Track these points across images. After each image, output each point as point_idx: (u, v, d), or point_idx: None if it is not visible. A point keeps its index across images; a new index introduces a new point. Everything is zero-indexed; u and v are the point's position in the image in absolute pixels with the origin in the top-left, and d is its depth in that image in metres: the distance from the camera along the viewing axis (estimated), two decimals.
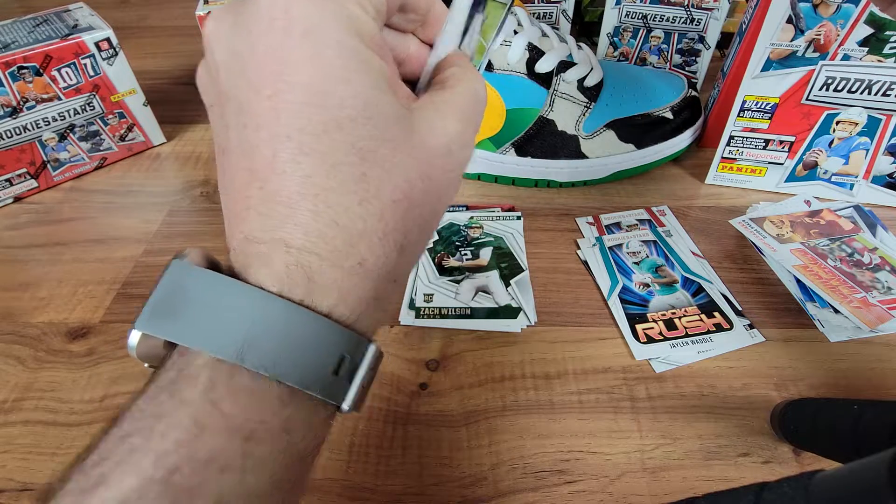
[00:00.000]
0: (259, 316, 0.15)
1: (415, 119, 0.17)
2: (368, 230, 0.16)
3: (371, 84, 0.16)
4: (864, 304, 0.33)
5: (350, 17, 0.16)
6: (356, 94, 0.16)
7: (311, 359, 0.15)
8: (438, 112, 0.18)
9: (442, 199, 0.18)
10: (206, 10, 0.48)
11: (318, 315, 0.15)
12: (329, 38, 0.15)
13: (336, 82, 0.15)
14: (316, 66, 0.15)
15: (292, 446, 0.15)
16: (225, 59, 0.16)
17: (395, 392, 0.32)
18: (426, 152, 0.17)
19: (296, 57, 0.15)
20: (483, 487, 0.28)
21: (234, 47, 0.16)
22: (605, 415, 0.31)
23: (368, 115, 0.16)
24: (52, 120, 0.44)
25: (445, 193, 0.18)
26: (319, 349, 0.16)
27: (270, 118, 0.15)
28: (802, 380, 0.32)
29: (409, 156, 0.17)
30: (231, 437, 0.14)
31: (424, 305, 0.36)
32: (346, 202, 0.15)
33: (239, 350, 0.14)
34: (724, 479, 0.28)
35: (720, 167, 0.45)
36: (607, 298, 0.36)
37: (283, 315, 0.15)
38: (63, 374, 0.33)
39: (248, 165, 0.16)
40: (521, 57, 0.40)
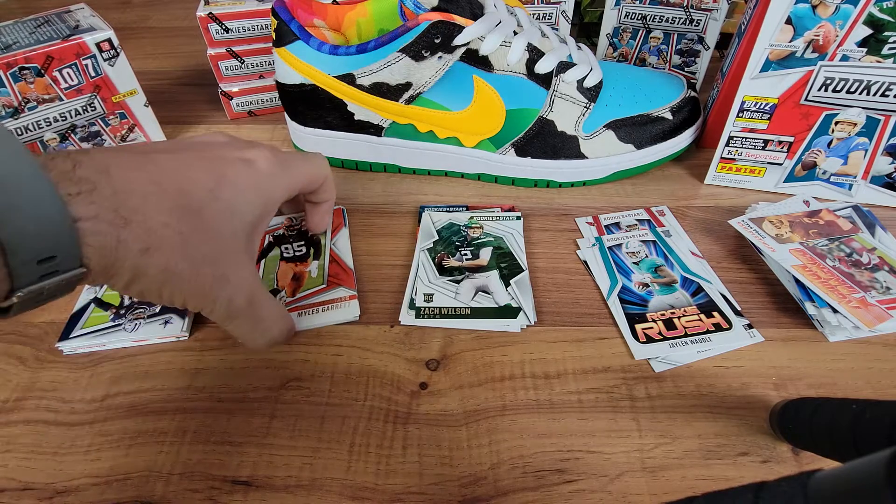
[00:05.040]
0: (24, 178, 0.18)
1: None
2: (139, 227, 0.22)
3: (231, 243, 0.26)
4: (863, 303, 0.33)
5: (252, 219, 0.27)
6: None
7: (33, 232, 0.18)
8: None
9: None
10: (207, 11, 0.48)
11: (66, 209, 0.19)
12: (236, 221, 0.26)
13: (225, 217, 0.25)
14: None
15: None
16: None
17: (395, 392, 0.32)
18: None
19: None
20: (483, 487, 0.28)
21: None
22: (604, 414, 0.31)
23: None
24: (54, 120, 0.44)
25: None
26: (45, 230, 0.18)
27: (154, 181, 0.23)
28: (801, 379, 0.32)
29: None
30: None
31: (424, 305, 0.36)
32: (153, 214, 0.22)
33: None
34: (723, 479, 0.28)
35: (719, 167, 0.45)
36: (607, 298, 0.36)
37: (41, 189, 0.18)
38: (64, 373, 0.33)
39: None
40: (521, 58, 0.41)
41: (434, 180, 0.47)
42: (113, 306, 0.36)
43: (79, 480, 0.28)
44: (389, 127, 0.44)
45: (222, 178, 0.25)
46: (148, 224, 0.21)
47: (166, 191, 0.22)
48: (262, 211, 0.27)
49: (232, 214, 0.25)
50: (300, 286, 0.36)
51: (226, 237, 0.25)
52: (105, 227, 0.20)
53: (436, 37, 0.39)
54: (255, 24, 0.49)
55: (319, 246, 0.38)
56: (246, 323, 0.28)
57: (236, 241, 0.25)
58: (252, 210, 0.26)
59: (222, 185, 0.25)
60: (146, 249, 0.21)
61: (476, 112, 0.42)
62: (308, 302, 0.35)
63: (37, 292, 0.20)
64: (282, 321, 0.31)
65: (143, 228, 0.21)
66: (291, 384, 0.32)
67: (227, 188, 0.25)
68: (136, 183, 0.21)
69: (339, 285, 0.36)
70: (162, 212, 0.22)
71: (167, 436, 0.30)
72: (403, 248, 0.41)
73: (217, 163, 0.25)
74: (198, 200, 0.23)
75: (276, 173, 0.28)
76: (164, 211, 0.22)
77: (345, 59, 0.41)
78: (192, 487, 0.28)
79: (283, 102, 0.46)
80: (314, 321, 0.35)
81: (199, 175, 0.24)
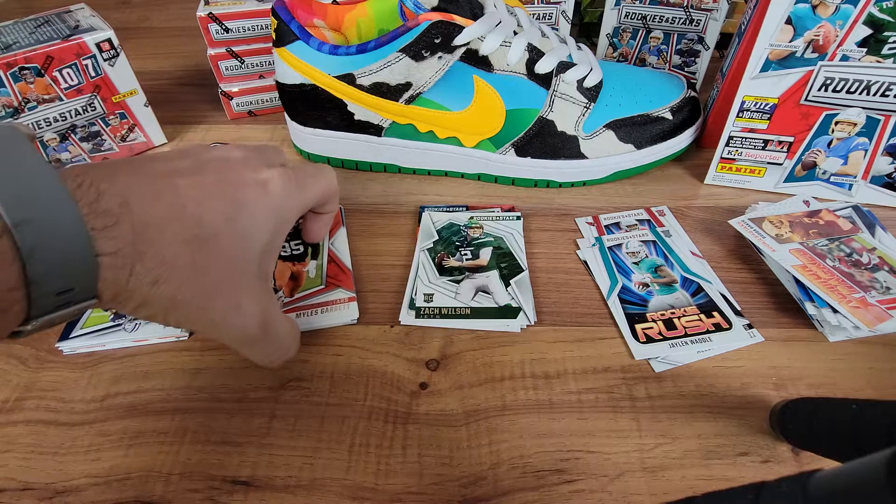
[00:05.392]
0: (55, 208, 0.18)
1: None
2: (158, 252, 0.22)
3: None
4: (863, 303, 0.33)
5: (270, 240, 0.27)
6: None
7: (57, 266, 0.18)
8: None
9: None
10: (207, 11, 0.48)
11: (91, 245, 0.19)
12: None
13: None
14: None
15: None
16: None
17: (395, 392, 0.32)
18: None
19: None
20: (483, 487, 0.28)
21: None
22: (604, 414, 0.31)
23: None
24: (54, 120, 0.44)
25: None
26: (68, 265, 0.19)
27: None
28: (801, 379, 0.32)
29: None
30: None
31: (424, 305, 0.36)
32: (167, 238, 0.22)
33: (21, 220, 0.18)
34: (724, 479, 0.28)
35: (719, 167, 0.45)
36: (607, 298, 0.36)
37: (70, 223, 0.19)
38: (64, 373, 0.33)
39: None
40: (521, 58, 0.41)
41: (434, 180, 0.47)
42: None
43: (79, 480, 0.28)
44: (389, 127, 0.44)
45: (239, 205, 0.25)
46: (161, 256, 0.21)
47: (184, 222, 0.22)
48: (275, 233, 0.27)
49: (246, 240, 0.25)
50: (298, 286, 0.36)
51: (239, 263, 0.25)
52: (121, 262, 0.20)
53: (436, 37, 0.39)
54: (255, 24, 0.49)
55: (317, 245, 0.38)
56: (260, 348, 0.28)
57: (249, 265, 0.25)
58: (266, 233, 0.26)
59: (239, 211, 0.24)
60: (156, 281, 0.21)
61: (476, 112, 0.42)
62: (307, 303, 0.35)
63: (49, 321, 0.20)
64: (294, 338, 0.30)
65: (157, 261, 0.21)
66: (291, 384, 0.32)
67: (243, 215, 0.25)
68: (154, 215, 0.21)
69: (338, 286, 0.36)
70: (177, 243, 0.22)
71: (167, 436, 0.30)
72: (403, 248, 0.41)
73: (235, 188, 0.25)
74: (214, 229, 0.23)
75: (290, 194, 0.28)
76: (179, 242, 0.22)
77: (345, 59, 0.41)
78: (192, 487, 0.28)
79: (283, 102, 0.46)
80: (313, 323, 0.34)
81: (217, 203, 0.24)
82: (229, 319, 0.25)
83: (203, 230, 0.23)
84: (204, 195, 0.24)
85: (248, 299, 0.25)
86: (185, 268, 0.22)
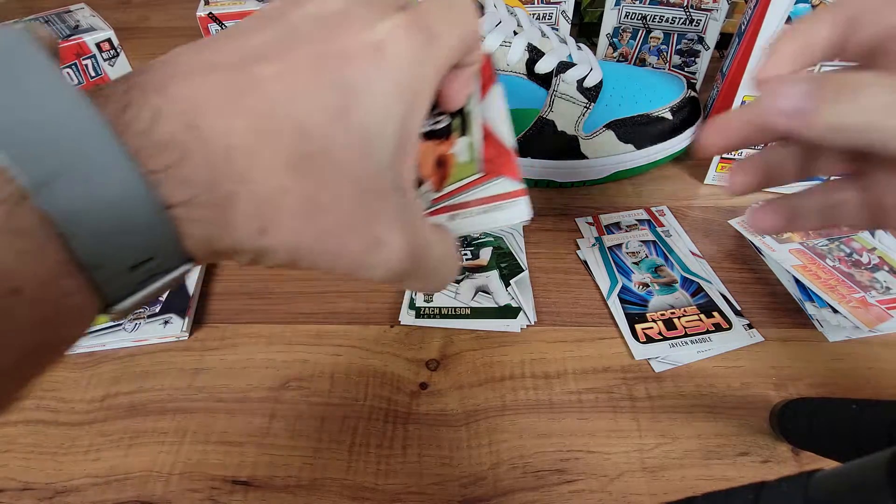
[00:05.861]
0: (93, 152, 0.12)
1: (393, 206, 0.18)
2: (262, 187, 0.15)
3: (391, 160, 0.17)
4: (863, 303, 0.33)
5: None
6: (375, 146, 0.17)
7: (117, 236, 0.13)
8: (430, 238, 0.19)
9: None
10: (207, 11, 0.48)
11: (155, 196, 0.13)
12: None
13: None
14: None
15: (48, 325, 0.13)
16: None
17: (395, 392, 0.32)
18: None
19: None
20: (483, 487, 0.28)
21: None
22: (604, 414, 0.31)
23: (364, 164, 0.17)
24: None
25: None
26: (133, 231, 0.13)
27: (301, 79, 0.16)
28: (801, 379, 0.32)
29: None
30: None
31: (424, 305, 0.36)
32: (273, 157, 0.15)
33: (47, 177, 0.12)
34: (724, 479, 0.28)
35: (719, 167, 0.45)
36: (607, 298, 0.36)
37: (120, 170, 0.13)
38: (64, 373, 0.33)
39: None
40: (521, 57, 0.40)
41: None
42: None
43: (79, 480, 0.28)
44: None
45: (349, 90, 0.17)
46: (261, 194, 0.15)
47: (280, 136, 0.16)
48: (408, 117, 0.19)
49: (369, 142, 0.17)
50: (447, 175, 0.25)
51: (365, 179, 0.18)
52: (205, 213, 0.15)
53: None
54: None
55: (465, 114, 0.26)
56: (413, 282, 0.21)
57: (380, 177, 0.18)
58: (395, 122, 0.18)
59: (351, 100, 0.17)
60: (263, 229, 0.16)
61: None
62: (461, 199, 0.25)
63: (138, 302, 0.15)
64: (452, 260, 0.23)
65: (256, 202, 0.15)
66: (291, 384, 0.32)
67: (358, 104, 0.17)
68: (237, 135, 0.15)
69: (500, 174, 0.25)
70: (277, 171, 0.16)
71: (167, 436, 0.30)
72: None
73: (339, 65, 0.17)
74: (322, 139, 0.16)
75: (419, 56, 0.18)
76: (279, 169, 0.16)
77: None
78: (192, 487, 0.28)
79: None
80: (474, 225, 0.25)
81: (318, 95, 0.16)
82: (368, 260, 0.18)
83: (307, 143, 0.16)
84: (298, 85, 0.16)
85: (387, 228, 0.18)
86: (294, 205, 0.16)
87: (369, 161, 0.17)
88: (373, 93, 0.17)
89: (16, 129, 0.12)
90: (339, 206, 0.17)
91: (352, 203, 0.17)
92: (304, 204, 0.16)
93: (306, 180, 0.16)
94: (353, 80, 0.17)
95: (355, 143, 0.17)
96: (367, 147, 0.17)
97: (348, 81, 0.17)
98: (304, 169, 0.16)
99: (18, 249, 0.12)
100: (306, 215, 0.16)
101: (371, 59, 0.17)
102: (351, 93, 0.17)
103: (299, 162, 0.16)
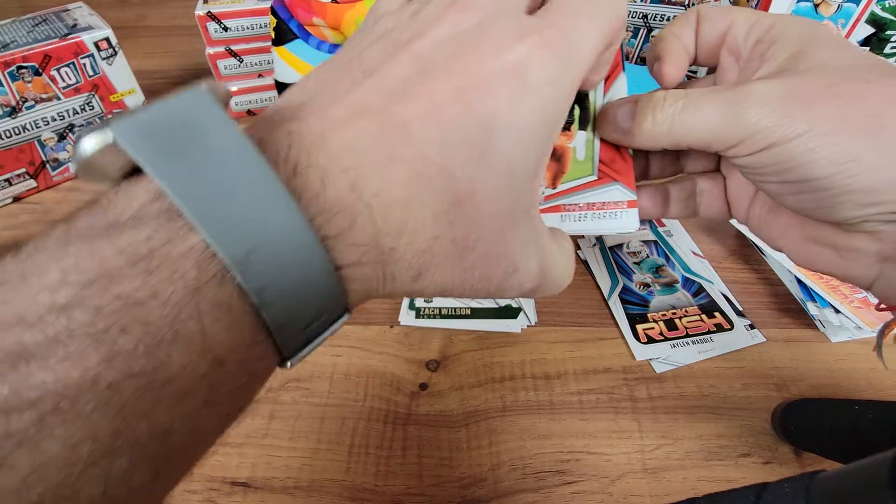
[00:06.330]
0: (280, 225, 0.13)
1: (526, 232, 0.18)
2: (422, 234, 0.16)
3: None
4: (865, 304, 0.33)
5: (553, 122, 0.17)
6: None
7: (299, 302, 0.14)
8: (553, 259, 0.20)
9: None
10: (206, 10, 0.48)
11: (331, 263, 0.14)
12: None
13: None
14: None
15: (243, 389, 0.14)
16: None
17: (395, 392, 0.32)
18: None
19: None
20: (483, 488, 0.28)
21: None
22: (605, 415, 0.30)
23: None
24: (52, 120, 0.44)
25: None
26: (311, 296, 0.14)
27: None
28: (803, 380, 0.32)
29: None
30: (202, 358, 0.12)
31: (424, 305, 0.36)
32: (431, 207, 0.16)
33: (245, 255, 0.12)
34: (725, 480, 0.28)
35: None
36: (607, 298, 0.36)
37: (303, 241, 0.13)
38: None
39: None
40: None
41: None
42: None
43: None
44: None
45: (494, 130, 0.16)
46: (415, 246, 0.16)
47: (430, 184, 0.16)
48: (548, 144, 0.18)
49: (513, 178, 0.17)
50: (562, 172, 0.24)
51: (506, 215, 0.18)
52: (368, 270, 0.15)
53: None
54: (254, 22, 0.49)
55: (586, 104, 0.24)
56: (539, 294, 0.21)
57: (518, 209, 0.18)
58: (537, 152, 0.18)
59: (496, 141, 0.16)
60: (417, 275, 0.17)
61: None
62: (572, 200, 0.24)
63: (309, 353, 0.16)
64: (570, 270, 0.22)
65: (412, 252, 0.16)
66: (291, 384, 0.32)
67: (503, 144, 0.17)
68: (394, 189, 0.15)
69: (614, 180, 0.24)
70: (428, 220, 0.16)
71: None
72: None
73: (481, 100, 0.16)
74: (469, 182, 0.16)
75: (559, 77, 0.17)
76: (431, 219, 0.16)
77: None
78: (191, 488, 0.28)
79: None
80: (582, 227, 0.25)
81: (464, 137, 0.16)
82: (505, 285, 0.19)
83: (456, 189, 0.16)
84: (444, 126, 0.16)
85: (522, 255, 0.19)
86: (445, 249, 0.17)
87: (510, 195, 0.17)
88: (516, 127, 0.17)
89: (212, 203, 0.12)
90: (484, 242, 0.17)
91: (493, 236, 0.18)
92: (454, 247, 0.17)
93: (455, 226, 0.16)
94: (495, 114, 0.16)
95: (500, 183, 0.17)
96: (510, 182, 0.17)
97: (491, 116, 0.16)
98: (454, 216, 0.16)
99: (223, 325, 0.12)
100: (456, 257, 0.17)
101: (512, 89, 0.17)
102: (495, 129, 0.16)
103: (449, 209, 0.16)
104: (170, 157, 0.12)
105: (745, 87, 0.18)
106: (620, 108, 0.21)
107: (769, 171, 0.19)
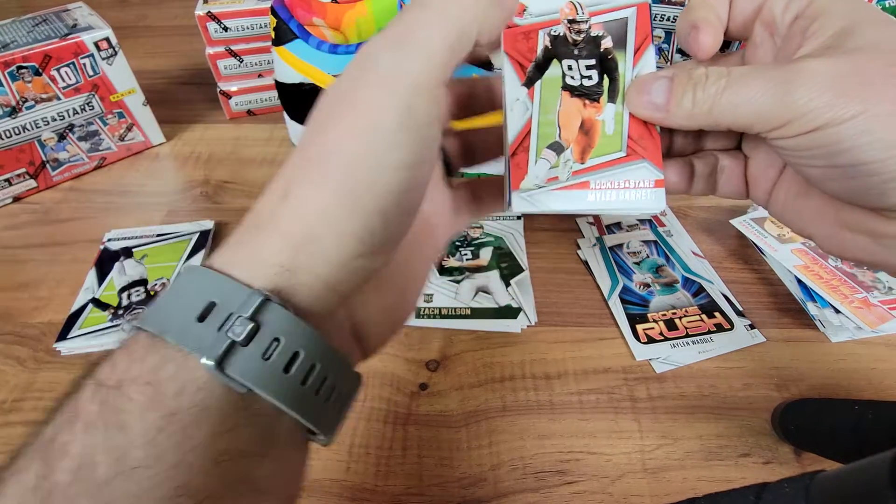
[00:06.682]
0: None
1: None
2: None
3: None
4: (865, 304, 0.33)
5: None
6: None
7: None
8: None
9: None
10: (206, 10, 0.48)
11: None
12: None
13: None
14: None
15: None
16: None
17: (395, 392, 0.32)
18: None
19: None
20: (483, 488, 0.28)
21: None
22: (605, 415, 0.30)
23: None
24: (52, 120, 0.44)
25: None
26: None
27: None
28: (803, 380, 0.32)
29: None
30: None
31: (424, 305, 0.36)
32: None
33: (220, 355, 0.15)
34: (725, 480, 0.28)
35: None
36: (608, 298, 0.36)
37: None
38: (62, 374, 0.33)
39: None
40: None
41: None
42: (111, 307, 0.35)
43: None
44: None
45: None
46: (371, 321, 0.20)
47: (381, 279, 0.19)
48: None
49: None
50: (590, 146, 0.23)
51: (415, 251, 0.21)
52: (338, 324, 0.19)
53: None
54: (254, 22, 0.49)
55: (615, 76, 0.23)
56: None
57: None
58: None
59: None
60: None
61: None
62: (599, 176, 0.23)
63: (342, 421, 0.19)
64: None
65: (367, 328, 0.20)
66: None
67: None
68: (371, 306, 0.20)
69: (643, 157, 0.23)
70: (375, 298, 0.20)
71: None
72: None
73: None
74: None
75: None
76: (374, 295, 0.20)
77: (344, 57, 0.41)
78: None
79: (282, 101, 0.46)
80: (607, 205, 0.23)
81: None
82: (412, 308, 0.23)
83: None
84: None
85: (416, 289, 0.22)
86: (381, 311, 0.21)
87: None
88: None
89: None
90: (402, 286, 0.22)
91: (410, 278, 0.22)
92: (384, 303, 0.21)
93: (386, 295, 0.21)
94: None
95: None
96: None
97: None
98: (385, 288, 0.21)
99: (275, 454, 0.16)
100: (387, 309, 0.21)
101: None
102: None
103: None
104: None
105: (795, 65, 0.17)
106: (654, 84, 0.20)
107: (815, 155, 0.17)
